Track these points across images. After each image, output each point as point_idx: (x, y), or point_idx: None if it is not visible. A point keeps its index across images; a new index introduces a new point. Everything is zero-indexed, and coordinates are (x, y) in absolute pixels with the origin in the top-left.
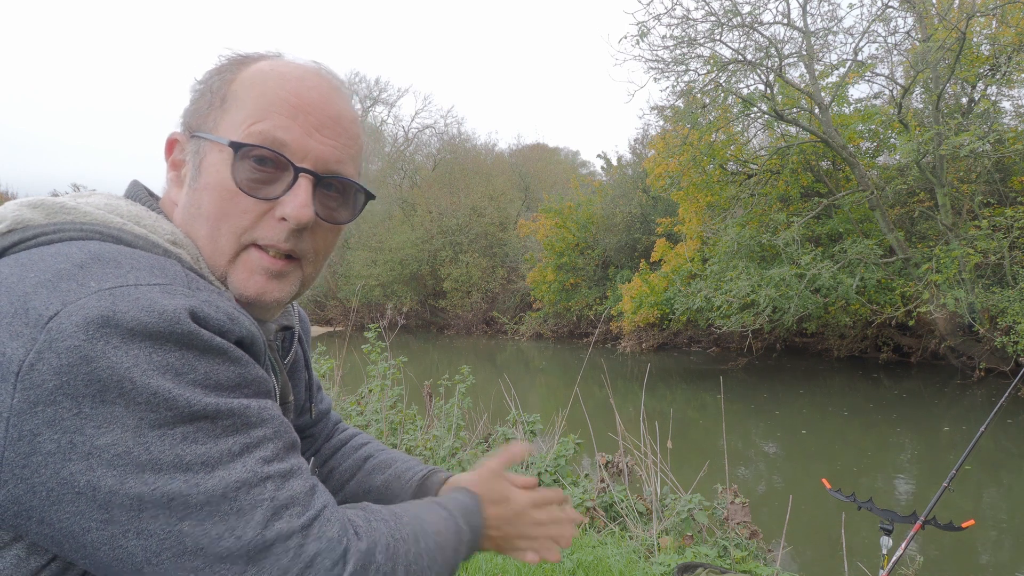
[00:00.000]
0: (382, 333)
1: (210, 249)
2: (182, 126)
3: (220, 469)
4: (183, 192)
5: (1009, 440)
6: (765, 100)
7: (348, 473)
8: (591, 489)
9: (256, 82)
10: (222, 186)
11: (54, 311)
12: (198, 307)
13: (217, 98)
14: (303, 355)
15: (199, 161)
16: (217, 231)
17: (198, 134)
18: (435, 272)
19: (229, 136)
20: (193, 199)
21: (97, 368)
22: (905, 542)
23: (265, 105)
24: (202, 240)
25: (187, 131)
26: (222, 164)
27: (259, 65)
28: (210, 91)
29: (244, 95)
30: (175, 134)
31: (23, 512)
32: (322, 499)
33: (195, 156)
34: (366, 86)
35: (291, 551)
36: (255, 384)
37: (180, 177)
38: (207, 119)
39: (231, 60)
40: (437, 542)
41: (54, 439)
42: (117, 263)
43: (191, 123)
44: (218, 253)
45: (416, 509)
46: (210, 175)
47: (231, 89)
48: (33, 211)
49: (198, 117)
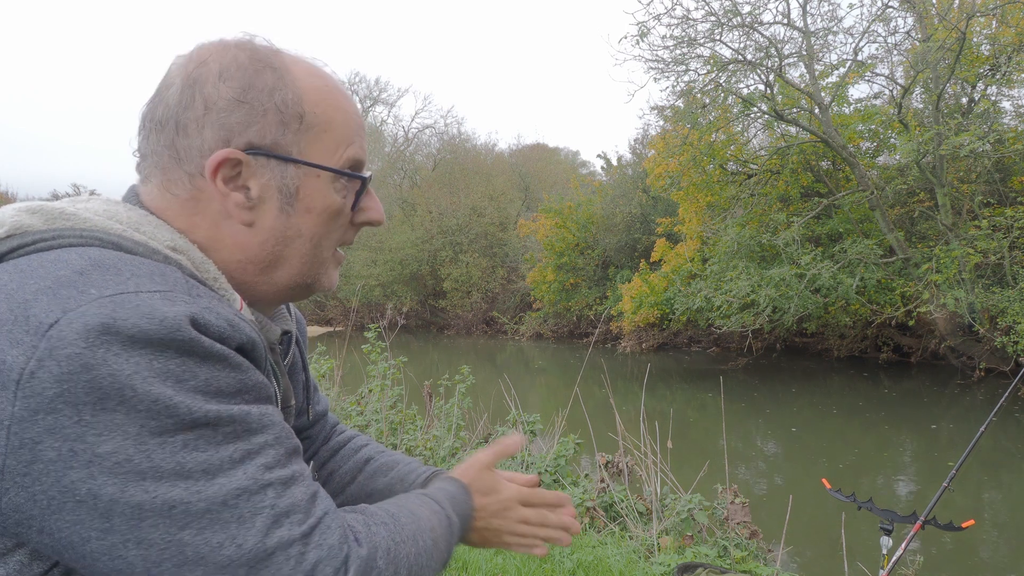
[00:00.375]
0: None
1: (310, 264)
2: (233, 143)
3: (221, 476)
4: (266, 215)
5: (1009, 440)
6: (765, 100)
7: (349, 476)
8: (591, 489)
9: (328, 102)
10: (332, 208)
11: (54, 318)
12: (198, 314)
13: (290, 117)
14: (300, 357)
15: (294, 185)
16: (320, 247)
17: (287, 157)
18: (435, 272)
19: (325, 161)
20: (291, 223)
21: (98, 376)
22: (905, 542)
23: (346, 129)
24: (298, 259)
25: (250, 148)
26: (328, 189)
27: (310, 81)
28: (275, 108)
29: (323, 117)
30: (235, 153)
31: (24, 520)
32: (323, 506)
33: (282, 179)
34: (366, 86)
35: (292, 559)
36: (256, 390)
37: (250, 201)
38: (283, 139)
39: (262, 63)
40: (433, 538)
41: (55, 447)
42: (117, 270)
43: (257, 142)
44: (317, 263)
45: (410, 506)
46: (315, 200)
47: (306, 109)
48: (32, 216)
49: (265, 135)
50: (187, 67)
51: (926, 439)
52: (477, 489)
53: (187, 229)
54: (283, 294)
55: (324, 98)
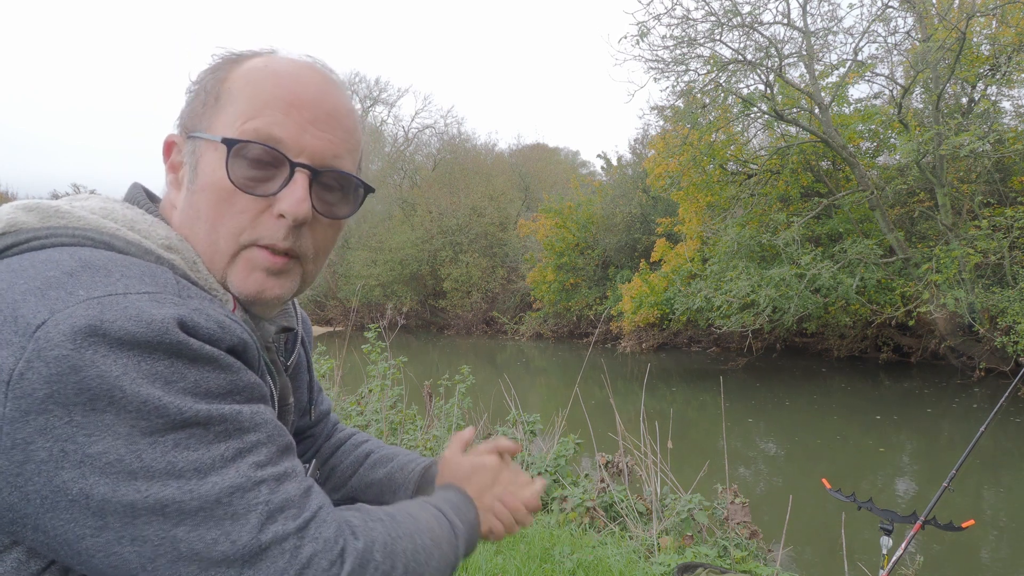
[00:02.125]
0: (382, 333)
1: (209, 251)
2: (178, 127)
3: (213, 474)
4: (181, 195)
5: (1009, 440)
6: (765, 100)
7: (350, 469)
8: (591, 489)
9: (249, 79)
10: (218, 185)
11: (42, 319)
12: (187, 316)
13: (211, 97)
14: (305, 357)
15: (195, 162)
16: (215, 232)
17: (194, 134)
18: (435, 272)
19: (224, 134)
20: (191, 201)
21: (86, 377)
22: (905, 542)
23: (259, 102)
24: (201, 242)
25: (183, 132)
26: (217, 163)
27: (253, 62)
28: (204, 90)
29: (237, 93)
30: (172, 136)
31: (18, 519)
32: (317, 501)
33: (191, 157)
34: (366, 86)
35: (287, 553)
36: (247, 390)
37: (179, 179)
38: (202, 119)
39: (225, 59)
40: (433, 539)
41: (46, 447)
42: (107, 271)
43: (187, 124)
44: (217, 255)
45: (409, 508)
46: (206, 175)
47: (224, 87)
48: (28, 214)
49: (193, 118)
50: None
51: (926, 439)
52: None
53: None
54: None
55: (250, 78)
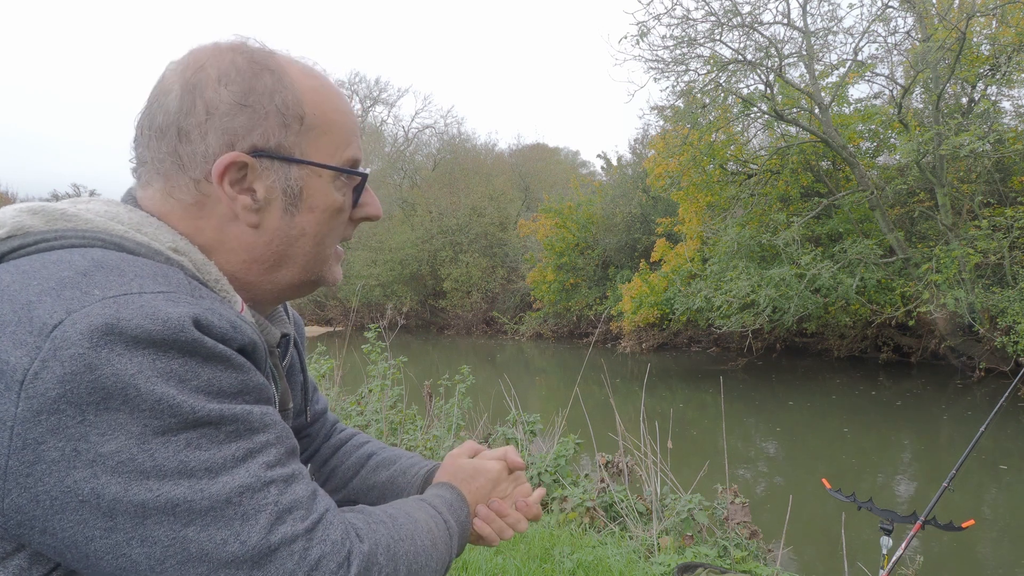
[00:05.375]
0: (382, 333)
1: (314, 262)
2: (237, 147)
3: (224, 475)
4: (271, 215)
5: (1009, 440)
6: (765, 100)
7: (351, 471)
8: (591, 489)
9: (327, 103)
10: (334, 207)
11: (58, 319)
12: (201, 315)
13: (291, 119)
14: (299, 358)
15: (299, 187)
16: (323, 245)
17: (290, 158)
18: (435, 272)
19: (326, 160)
20: (295, 222)
21: (101, 376)
22: (905, 542)
23: (344, 131)
24: (303, 257)
25: (254, 151)
26: (330, 188)
27: (308, 83)
28: (276, 110)
29: (323, 118)
30: (241, 156)
31: (26, 522)
32: (324, 503)
33: (286, 180)
34: (366, 86)
35: (296, 554)
36: (257, 391)
37: (257, 202)
38: (285, 141)
39: (260, 65)
40: (431, 540)
41: (58, 447)
42: (120, 271)
43: (259, 143)
44: (321, 261)
45: (408, 508)
46: (318, 199)
47: (306, 110)
48: (33, 217)
49: (268, 138)
50: (184, 73)
51: (926, 439)
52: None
53: (191, 232)
54: (287, 291)
55: (323, 99)
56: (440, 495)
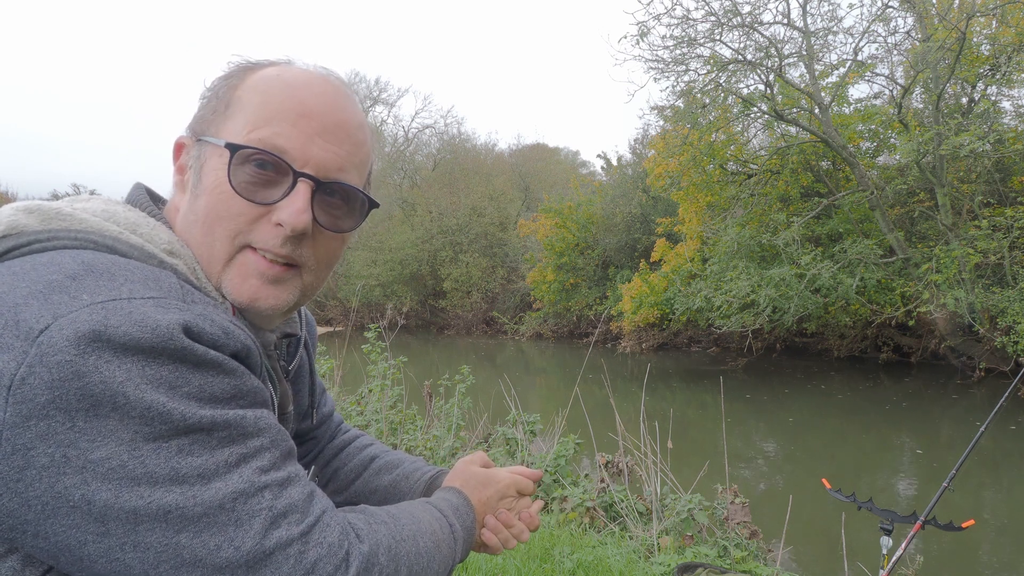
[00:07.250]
0: (382, 333)
1: (206, 254)
2: (189, 131)
3: (217, 480)
4: (185, 197)
5: (1009, 440)
6: (765, 100)
7: (353, 473)
8: (591, 489)
9: (260, 88)
10: (218, 188)
11: (44, 324)
12: (192, 321)
13: (222, 103)
14: (308, 360)
15: (200, 165)
16: (211, 234)
17: (202, 138)
18: (435, 272)
19: (230, 140)
20: (192, 204)
21: (89, 383)
22: (905, 542)
23: (267, 111)
24: (197, 245)
25: (193, 136)
26: (220, 167)
27: (266, 71)
28: (216, 97)
29: (247, 101)
30: (182, 138)
31: (18, 526)
32: (321, 505)
33: (197, 160)
34: (366, 86)
35: (291, 558)
36: (251, 395)
37: (184, 182)
38: (211, 124)
39: (239, 66)
40: (434, 542)
41: (48, 453)
42: (111, 275)
43: (197, 128)
44: (213, 258)
45: (412, 509)
46: (209, 179)
47: (236, 95)
48: (28, 216)
49: (203, 122)
50: None
51: (926, 439)
52: (473, 486)
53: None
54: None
55: (261, 86)
56: (447, 499)
